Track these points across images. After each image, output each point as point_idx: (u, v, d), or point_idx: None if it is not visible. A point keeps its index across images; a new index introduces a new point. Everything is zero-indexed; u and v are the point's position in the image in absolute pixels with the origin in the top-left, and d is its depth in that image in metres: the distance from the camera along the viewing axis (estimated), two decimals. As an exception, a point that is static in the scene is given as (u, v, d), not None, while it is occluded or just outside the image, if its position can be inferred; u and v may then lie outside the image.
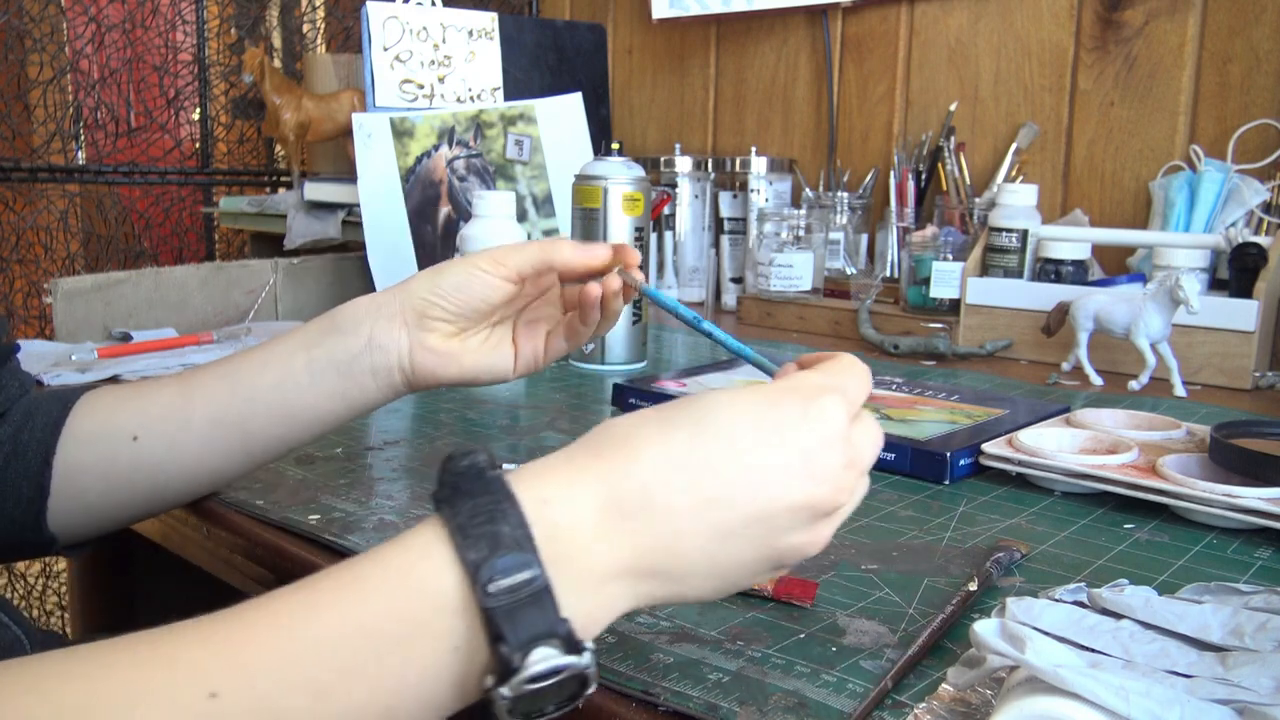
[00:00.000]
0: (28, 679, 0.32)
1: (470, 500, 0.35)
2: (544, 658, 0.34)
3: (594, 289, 0.60)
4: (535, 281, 0.63)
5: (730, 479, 0.38)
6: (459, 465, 0.37)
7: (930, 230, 1.34)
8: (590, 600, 0.37)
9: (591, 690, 0.35)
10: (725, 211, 1.59)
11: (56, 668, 0.32)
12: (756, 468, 0.39)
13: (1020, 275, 1.21)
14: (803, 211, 1.42)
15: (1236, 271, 1.09)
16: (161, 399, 0.60)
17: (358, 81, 1.60)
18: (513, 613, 0.34)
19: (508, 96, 1.48)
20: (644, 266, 1.07)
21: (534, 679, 0.34)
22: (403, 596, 0.34)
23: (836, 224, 1.50)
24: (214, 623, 0.34)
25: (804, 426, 0.40)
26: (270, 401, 0.59)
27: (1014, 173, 1.40)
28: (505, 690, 0.34)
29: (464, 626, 0.34)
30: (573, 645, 0.34)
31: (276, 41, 1.89)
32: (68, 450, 0.59)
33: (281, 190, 1.67)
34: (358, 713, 0.34)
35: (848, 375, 0.44)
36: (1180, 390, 1.00)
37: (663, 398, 0.88)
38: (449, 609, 0.34)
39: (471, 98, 1.45)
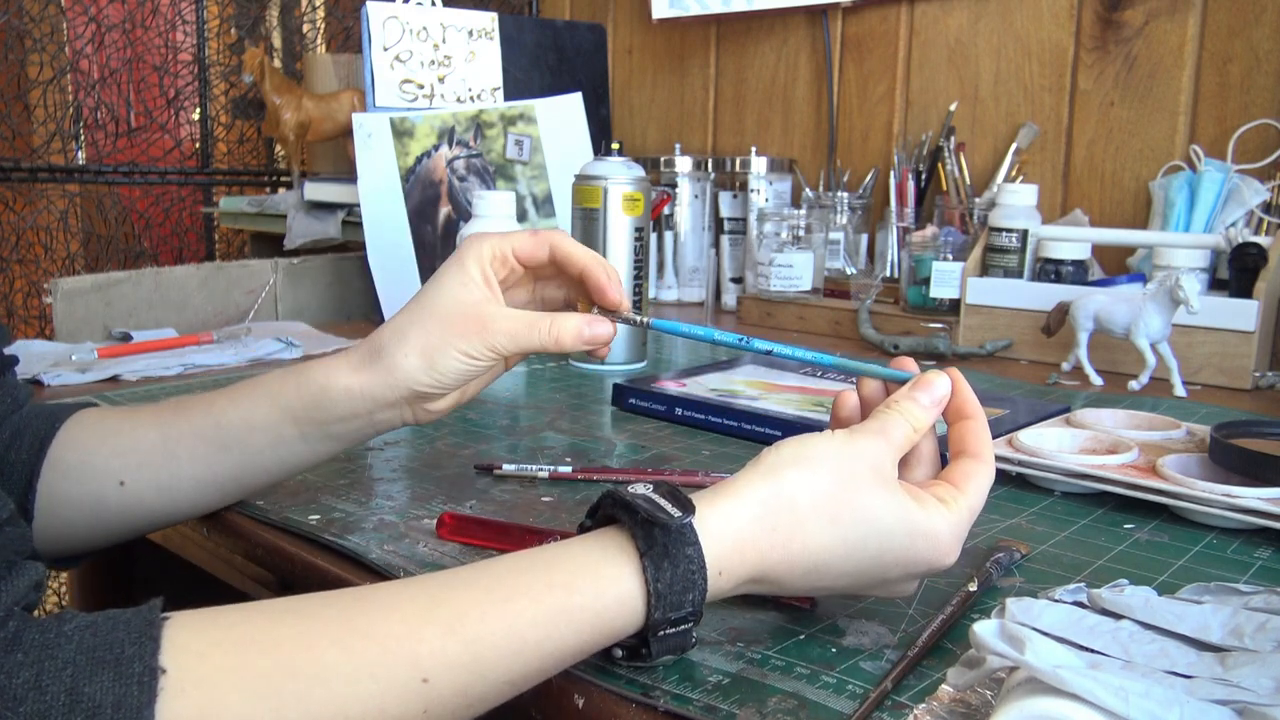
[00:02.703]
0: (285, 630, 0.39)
1: (672, 568, 0.42)
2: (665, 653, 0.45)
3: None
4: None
5: (869, 581, 0.47)
6: (668, 517, 0.43)
7: (930, 230, 1.34)
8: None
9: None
10: (725, 211, 1.59)
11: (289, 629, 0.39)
12: (894, 565, 0.47)
13: (1020, 275, 1.21)
14: (803, 211, 1.42)
15: (1236, 271, 1.09)
16: (144, 444, 0.60)
17: (358, 81, 1.60)
18: (663, 643, 0.43)
19: (508, 96, 1.48)
20: (644, 266, 1.07)
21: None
22: (590, 632, 0.42)
23: (836, 224, 1.50)
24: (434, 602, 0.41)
25: (931, 556, 0.47)
26: (265, 462, 0.60)
27: (1014, 173, 1.40)
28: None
29: (629, 637, 0.44)
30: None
31: (276, 41, 1.89)
32: (53, 481, 0.59)
33: (281, 190, 1.67)
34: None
35: (980, 479, 0.52)
36: (1180, 390, 1.00)
37: (663, 398, 0.88)
38: (622, 634, 0.43)
39: (471, 98, 1.45)
